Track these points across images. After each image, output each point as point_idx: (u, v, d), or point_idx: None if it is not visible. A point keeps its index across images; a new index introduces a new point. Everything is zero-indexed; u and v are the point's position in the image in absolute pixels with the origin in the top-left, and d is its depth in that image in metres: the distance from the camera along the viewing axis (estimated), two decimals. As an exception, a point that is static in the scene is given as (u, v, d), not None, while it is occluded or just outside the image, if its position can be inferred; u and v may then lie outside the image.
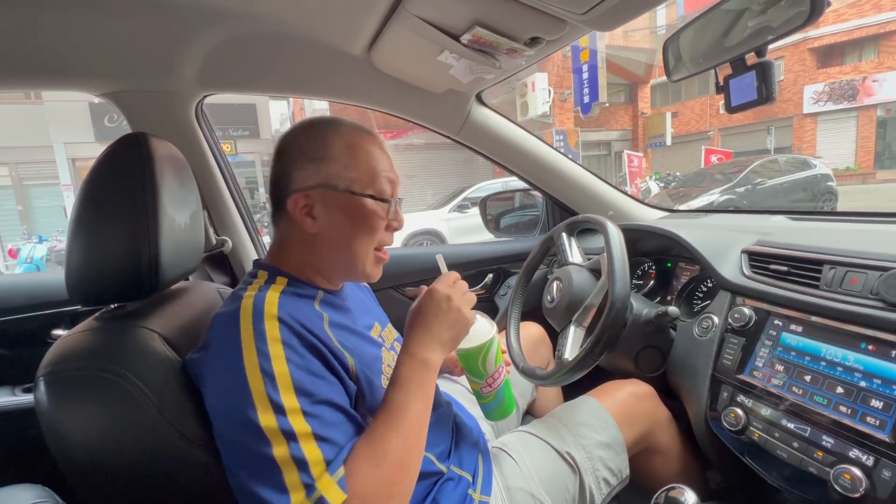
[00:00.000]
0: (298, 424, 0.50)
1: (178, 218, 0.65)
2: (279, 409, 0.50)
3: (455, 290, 0.64)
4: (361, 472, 0.51)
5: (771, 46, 0.69)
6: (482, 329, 0.68)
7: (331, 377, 0.57)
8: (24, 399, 1.02)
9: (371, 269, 0.67)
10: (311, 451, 0.50)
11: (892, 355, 0.60)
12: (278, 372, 0.51)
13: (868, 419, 0.59)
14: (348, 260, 0.65)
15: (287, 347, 0.54)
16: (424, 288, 0.66)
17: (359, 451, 0.53)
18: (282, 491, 0.48)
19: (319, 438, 0.51)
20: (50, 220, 10.77)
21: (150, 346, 0.57)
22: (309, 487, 0.48)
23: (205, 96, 1.05)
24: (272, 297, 0.57)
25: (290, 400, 0.51)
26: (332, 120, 0.67)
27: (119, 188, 0.59)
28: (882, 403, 0.58)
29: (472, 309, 0.67)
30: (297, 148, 0.65)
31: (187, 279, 0.82)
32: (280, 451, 0.49)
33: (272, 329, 0.54)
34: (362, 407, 0.62)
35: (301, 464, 0.49)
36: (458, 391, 0.99)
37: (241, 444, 0.51)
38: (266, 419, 0.49)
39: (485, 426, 0.92)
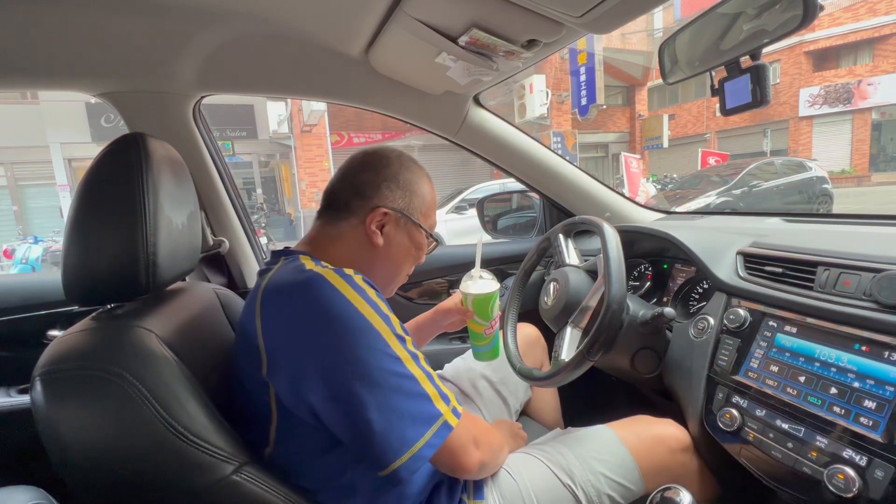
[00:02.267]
0: (425, 367, 0.60)
1: (176, 218, 0.65)
2: (410, 352, 0.59)
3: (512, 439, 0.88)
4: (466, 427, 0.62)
5: (767, 49, 0.70)
6: (491, 283, 0.86)
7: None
8: (20, 400, 1.01)
9: (391, 289, 0.78)
10: (444, 388, 0.61)
11: (885, 356, 0.60)
12: (394, 320, 0.59)
13: (861, 419, 0.60)
14: (391, 276, 0.76)
15: (385, 302, 0.61)
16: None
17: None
18: (427, 400, 0.57)
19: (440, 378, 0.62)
20: (46, 221, 10.71)
21: (147, 345, 0.57)
22: (442, 394, 0.59)
23: (202, 97, 1.05)
24: (347, 270, 0.62)
25: (411, 346, 0.60)
26: (417, 163, 0.79)
27: (116, 189, 0.59)
28: (875, 404, 0.59)
29: (481, 268, 0.85)
30: (391, 170, 0.73)
31: (184, 280, 0.82)
32: (427, 385, 0.58)
33: (368, 289, 0.60)
34: None
35: (445, 396, 0.60)
36: (454, 391, 0.99)
37: (373, 388, 0.54)
38: (403, 354, 0.57)
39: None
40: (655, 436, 0.81)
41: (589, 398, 1.26)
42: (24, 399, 1.00)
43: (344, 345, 0.55)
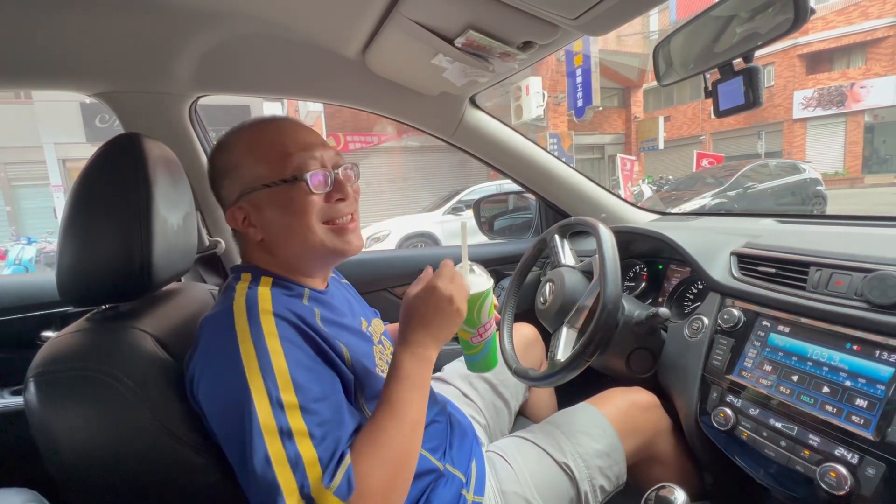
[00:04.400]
0: (296, 422, 0.50)
1: (171, 219, 0.65)
2: (278, 405, 0.50)
3: (455, 287, 0.62)
4: (364, 467, 0.51)
5: (762, 52, 0.71)
6: (480, 280, 0.68)
7: (328, 370, 0.57)
8: (13, 401, 1.01)
9: (334, 242, 0.64)
10: (309, 453, 0.49)
11: (876, 355, 0.61)
12: (277, 367, 0.51)
13: (853, 418, 0.60)
14: (302, 246, 0.64)
15: (284, 342, 0.53)
16: (429, 271, 0.65)
17: (362, 446, 0.53)
18: (276, 492, 0.47)
19: (316, 438, 0.50)
20: (39, 222, 10.63)
21: (142, 346, 0.57)
22: (305, 494, 0.48)
23: (198, 97, 1.05)
24: (264, 293, 0.58)
25: (288, 396, 0.50)
26: (235, 128, 0.67)
27: (112, 189, 0.59)
28: (866, 402, 0.60)
29: (470, 261, 0.68)
30: (214, 169, 0.67)
31: (180, 280, 0.82)
32: (276, 450, 0.48)
33: (268, 324, 0.54)
34: (361, 397, 0.63)
35: (297, 465, 0.48)
36: (452, 392, 0.99)
37: (239, 440, 0.50)
38: (264, 415, 0.49)
39: (479, 429, 0.93)
40: (628, 401, 0.89)
41: (586, 398, 1.26)
42: (18, 400, 1.00)
43: (218, 387, 0.53)
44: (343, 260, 0.70)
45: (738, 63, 0.73)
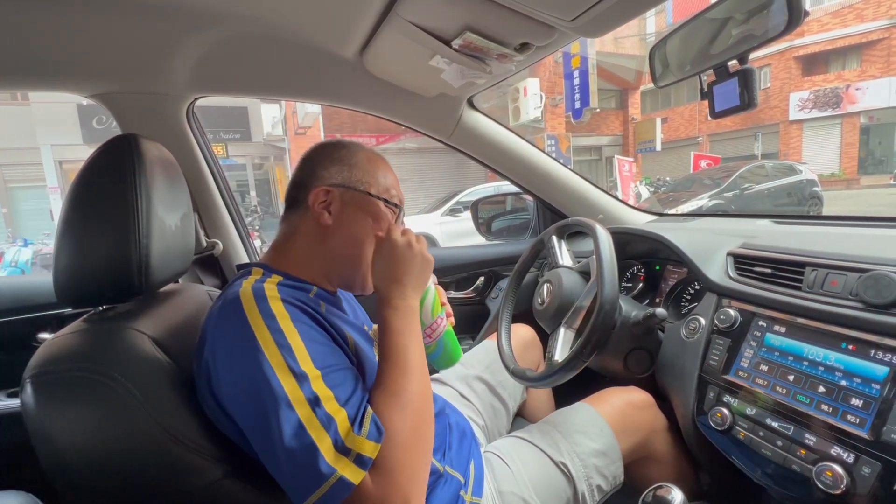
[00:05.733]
0: (321, 389, 0.52)
1: (169, 220, 0.65)
2: (302, 377, 0.51)
3: (410, 234, 0.67)
4: (387, 413, 0.54)
5: (758, 54, 0.71)
6: None
7: (337, 348, 0.59)
8: (10, 403, 1.00)
9: (370, 280, 0.68)
10: (338, 413, 0.51)
11: (871, 354, 0.61)
12: (294, 344, 0.53)
13: (848, 417, 0.60)
14: (355, 258, 0.69)
15: (296, 322, 0.55)
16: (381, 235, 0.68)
17: (378, 397, 0.55)
18: (314, 451, 0.49)
19: (341, 399, 0.52)
20: (36, 223, 10.59)
21: (139, 347, 0.57)
22: (340, 446, 0.50)
23: (196, 98, 1.05)
24: (270, 286, 0.59)
25: (308, 367, 0.52)
26: (355, 141, 0.75)
27: (109, 190, 0.59)
28: (862, 402, 0.60)
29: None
30: (325, 153, 0.71)
31: (177, 281, 0.82)
32: (307, 414, 0.50)
33: (278, 307, 0.55)
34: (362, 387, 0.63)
35: (329, 424, 0.50)
36: (450, 394, 0.99)
37: (265, 418, 0.51)
38: (290, 387, 0.51)
39: (477, 430, 0.93)
40: (624, 399, 0.91)
41: (583, 399, 1.26)
42: (14, 403, 0.99)
43: (238, 373, 0.53)
44: (355, 289, 0.74)
45: (733, 65, 0.74)
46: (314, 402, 0.50)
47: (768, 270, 0.79)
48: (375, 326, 0.83)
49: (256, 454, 0.54)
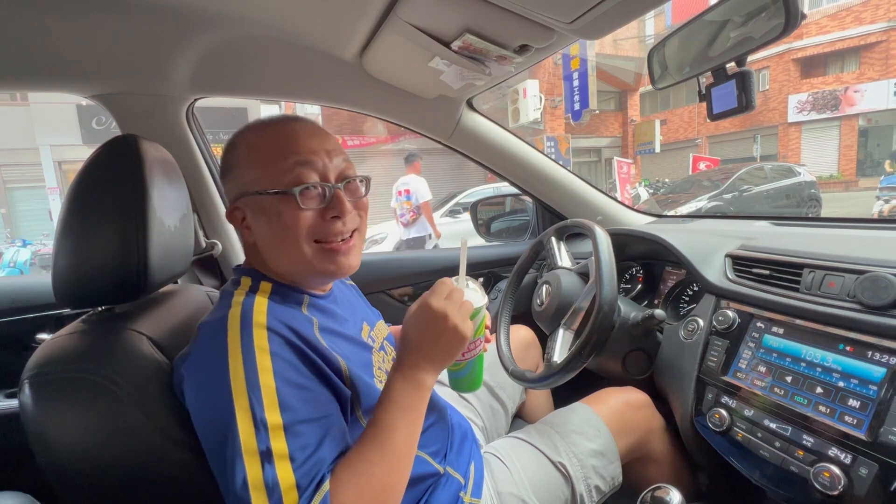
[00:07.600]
0: (277, 443, 0.48)
1: (168, 221, 0.65)
2: (262, 425, 0.48)
3: (451, 304, 0.58)
4: (343, 496, 0.48)
5: (757, 56, 0.72)
6: (472, 297, 0.63)
7: (322, 388, 0.55)
8: (8, 404, 1.00)
9: (322, 264, 0.61)
10: (287, 478, 0.47)
11: (869, 356, 0.61)
12: (264, 385, 0.50)
13: (846, 418, 0.61)
14: (289, 261, 0.62)
15: (275, 358, 0.52)
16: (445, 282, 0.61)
17: (342, 473, 0.50)
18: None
19: (297, 461, 0.48)
20: (34, 224, 10.58)
21: (138, 348, 0.57)
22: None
23: (196, 99, 1.05)
24: (260, 304, 0.56)
25: (273, 416, 0.49)
26: (244, 126, 0.65)
27: (108, 190, 0.59)
28: (859, 403, 0.60)
29: (467, 276, 0.65)
30: (222, 164, 0.66)
31: (176, 282, 0.82)
32: (254, 472, 0.47)
33: (260, 339, 0.52)
34: (358, 409, 0.61)
35: (273, 491, 0.46)
36: (451, 395, 0.99)
37: (219, 454, 0.49)
38: (246, 434, 0.48)
39: (477, 431, 0.93)
40: (622, 400, 0.90)
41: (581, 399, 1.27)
42: (12, 403, 0.99)
43: (204, 398, 0.52)
44: (333, 280, 0.69)
45: (731, 67, 0.74)
46: (266, 456, 0.47)
47: (766, 272, 0.80)
48: (379, 324, 0.82)
49: None
